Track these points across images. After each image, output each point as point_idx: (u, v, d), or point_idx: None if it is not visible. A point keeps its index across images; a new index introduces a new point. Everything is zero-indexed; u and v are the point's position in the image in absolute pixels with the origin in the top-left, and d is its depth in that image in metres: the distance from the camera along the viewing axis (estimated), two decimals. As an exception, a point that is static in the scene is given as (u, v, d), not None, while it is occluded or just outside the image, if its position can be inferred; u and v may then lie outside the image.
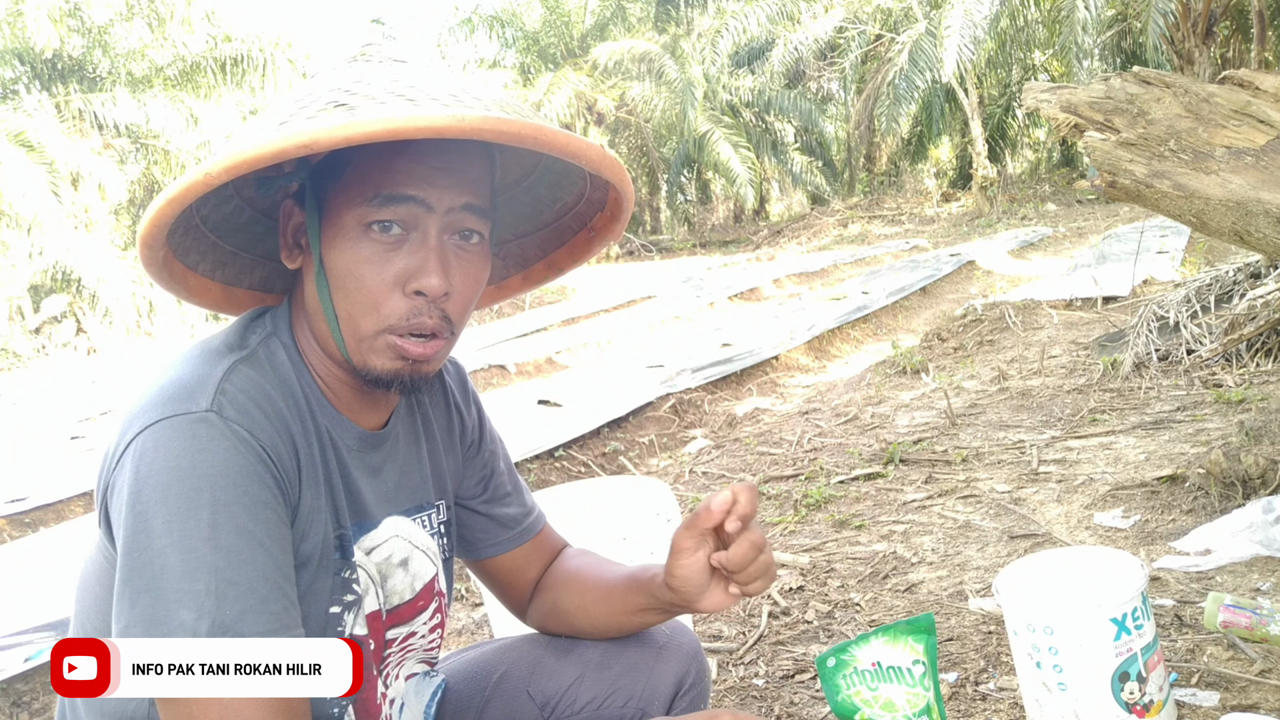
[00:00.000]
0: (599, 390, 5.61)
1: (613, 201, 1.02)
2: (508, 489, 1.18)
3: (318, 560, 0.90)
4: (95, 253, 12.77)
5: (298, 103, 0.83)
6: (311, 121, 0.78)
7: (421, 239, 0.88)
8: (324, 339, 0.93)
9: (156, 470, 0.79)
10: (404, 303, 0.88)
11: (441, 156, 0.87)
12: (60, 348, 12.75)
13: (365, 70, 0.86)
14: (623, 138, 21.78)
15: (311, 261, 0.91)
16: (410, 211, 0.87)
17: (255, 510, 0.81)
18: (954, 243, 13.49)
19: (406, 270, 0.87)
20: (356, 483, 0.96)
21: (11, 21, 14.53)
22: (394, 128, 0.75)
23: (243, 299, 1.04)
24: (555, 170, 1.04)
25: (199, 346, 0.91)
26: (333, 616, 0.92)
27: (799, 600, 2.46)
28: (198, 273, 0.99)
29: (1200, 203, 2.09)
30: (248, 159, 0.76)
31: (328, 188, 0.89)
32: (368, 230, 0.87)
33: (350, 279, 0.88)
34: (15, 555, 3.75)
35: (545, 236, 1.11)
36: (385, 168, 0.86)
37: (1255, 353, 3.90)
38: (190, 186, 0.78)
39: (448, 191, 0.87)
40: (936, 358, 5.52)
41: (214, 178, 0.77)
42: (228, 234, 0.99)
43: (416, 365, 0.91)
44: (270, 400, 0.87)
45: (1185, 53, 15.20)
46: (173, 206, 0.80)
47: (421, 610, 1.06)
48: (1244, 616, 1.81)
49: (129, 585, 0.78)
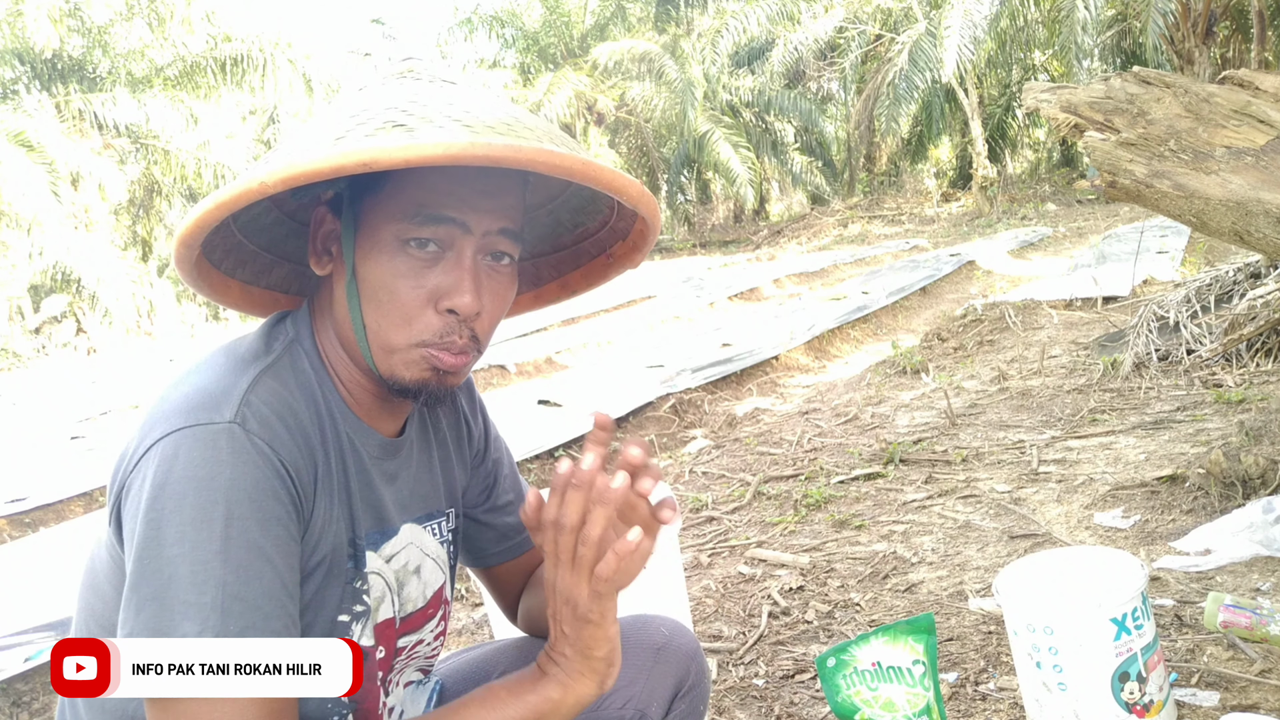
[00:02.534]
0: (599, 390, 5.61)
1: (638, 233, 1.04)
2: (509, 498, 1.18)
3: (329, 568, 0.91)
4: (95, 253, 12.78)
5: (354, 118, 0.83)
6: (370, 140, 0.79)
7: (457, 258, 0.89)
8: (349, 346, 0.94)
9: (175, 478, 0.79)
10: (436, 320, 0.89)
11: (484, 181, 0.88)
12: (60, 348, 12.76)
13: (418, 90, 0.87)
14: (623, 138, 21.79)
15: (343, 270, 0.91)
16: (449, 232, 0.88)
17: (268, 526, 0.81)
18: (954, 243, 13.50)
19: (441, 288, 0.88)
20: (378, 489, 0.97)
21: (11, 21, 14.53)
22: (454, 154, 0.76)
23: (259, 298, 1.05)
24: (583, 196, 1.05)
25: (224, 353, 0.91)
26: (340, 625, 0.92)
27: (799, 600, 2.46)
28: (220, 270, 0.99)
29: (1200, 203, 2.09)
30: (305, 172, 0.77)
31: (364, 199, 0.90)
32: (405, 245, 0.88)
33: (384, 291, 0.88)
34: (15, 555, 3.76)
35: (562, 258, 1.13)
36: (428, 187, 0.87)
37: (1255, 353, 3.90)
38: (243, 193, 0.78)
39: (486, 216, 0.89)
40: (936, 358, 5.52)
41: (269, 187, 0.78)
42: (253, 233, 1.00)
43: (444, 377, 0.91)
44: (293, 412, 0.87)
45: (1185, 53, 15.20)
46: (221, 211, 0.80)
47: (430, 618, 1.06)
48: (1244, 616, 1.81)
49: (137, 591, 0.78)
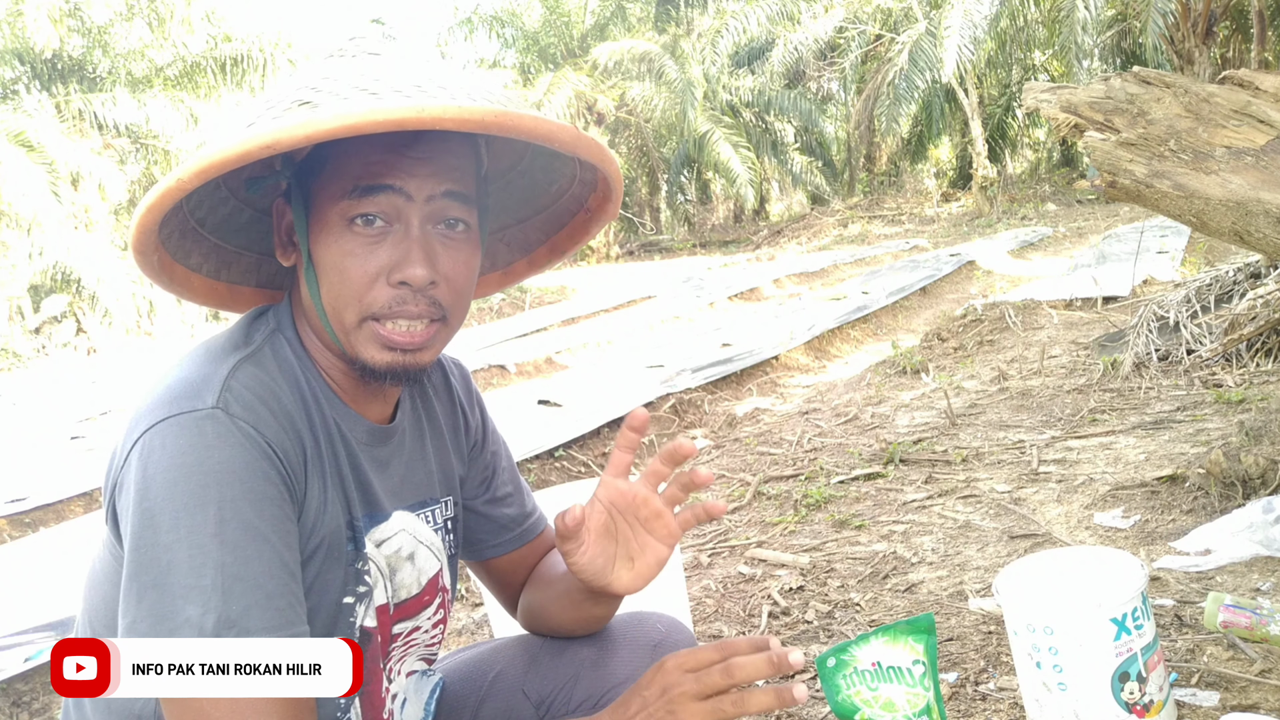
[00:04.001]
0: (599, 390, 5.61)
1: (602, 180, 1.02)
2: (508, 490, 1.18)
3: (328, 551, 0.91)
4: (95, 253, 12.76)
5: (265, 103, 0.84)
6: (275, 122, 0.79)
7: (404, 230, 0.88)
8: (321, 333, 0.94)
9: (163, 467, 0.79)
10: (386, 292, 0.88)
11: (418, 147, 0.88)
12: (60, 348, 12.74)
13: (337, 66, 0.87)
14: (623, 138, 21.78)
15: (301, 258, 0.92)
16: (390, 202, 0.87)
17: (261, 506, 0.81)
18: (954, 243, 13.49)
19: (390, 261, 0.88)
20: (367, 475, 0.97)
21: (11, 21, 14.52)
22: (351, 123, 0.76)
23: (250, 297, 1.05)
24: (546, 153, 1.04)
25: (203, 346, 0.91)
26: (345, 607, 0.93)
27: (799, 600, 2.46)
28: (202, 274, 0.99)
29: (1200, 203, 2.09)
30: (215, 163, 0.77)
31: (311, 183, 0.90)
32: (351, 224, 0.88)
33: (335, 272, 0.88)
34: (15, 555, 3.75)
35: (545, 219, 1.12)
36: (362, 159, 0.87)
37: (1255, 353, 3.90)
38: (165, 193, 0.79)
39: (427, 180, 0.88)
40: (936, 358, 5.52)
41: (185, 183, 0.78)
42: (230, 234, 1.00)
43: (410, 355, 0.91)
44: (276, 396, 0.87)
45: (1185, 53, 15.20)
46: (152, 214, 0.81)
47: (426, 605, 1.06)
48: (1244, 616, 1.81)
49: (136, 581, 0.78)
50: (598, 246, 19.77)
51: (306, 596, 0.87)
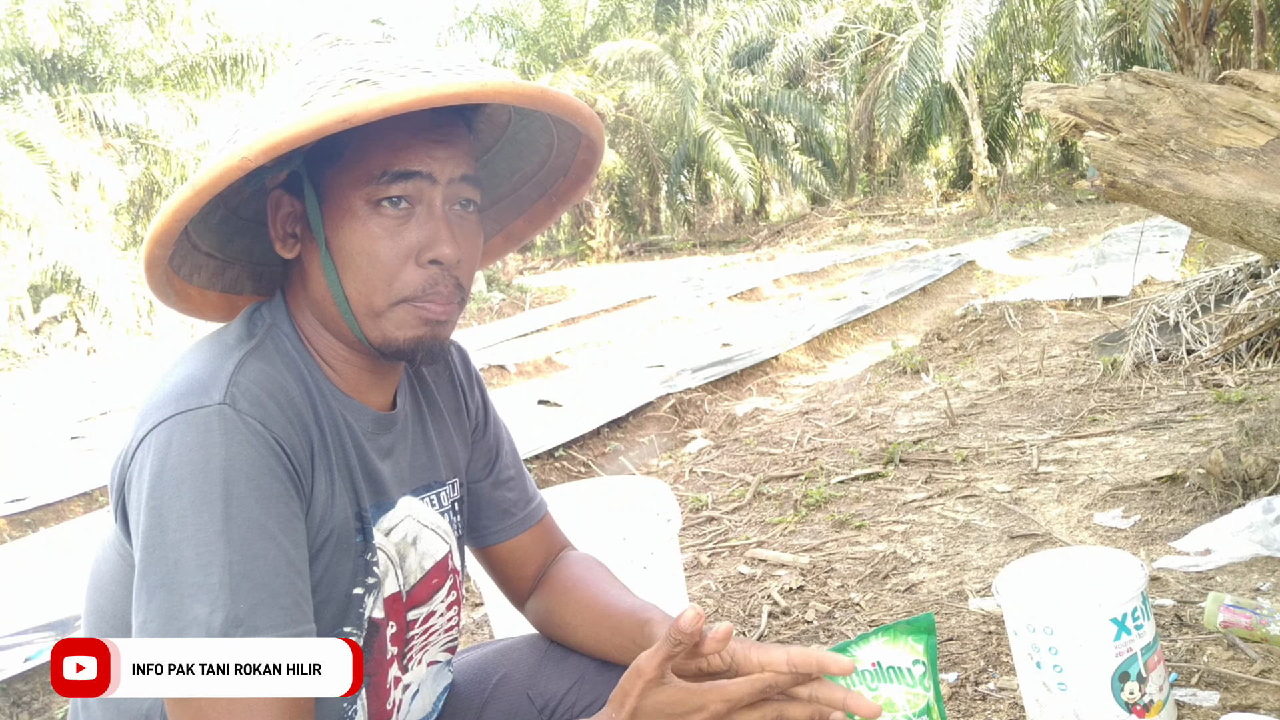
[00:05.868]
0: (599, 390, 5.61)
1: (580, 164, 1.05)
2: (511, 473, 1.18)
3: (337, 543, 0.91)
4: (95, 253, 12.75)
5: (312, 85, 0.84)
6: (340, 99, 0.79)
7: (428, 211, 0.90)
8: (331, 322, 0.94)
9: (171, 465, 0.79)
10: (419, 273, 0.90)
11: (437, 130, 0.89)
12: (60, 348, 12.74)
13: (362, 51, 0.88)
14: (623, 138, 21.77)
15: (314, 246, 0.91)
16: (417, 186, 0.89)
17: (268, 504, 0.82)
18: (954, 243, 13.49)
19: (419, 241, 0.89)
20: (374, 464, 0.97)
21: (11, 21, 14.51)
22: (426, 96, 0.78)
23: (215, 302, 1.04)
24: (517, 141, 1.06)
25: (207, 342, 0.91)
26: (355, 598, 0.93)
27: (799, 600, 2.46)
28: (180, 276, 0.97)
29: (1200, 203, 2.09)
30: (288, 138, 0.77)
31: (324, 172, 0.90)
32: (377, 207, 0.88)
33: (362, 256, 0.89)
34: (15, 555, 3.76)
35: (503, 209, 1.13)
36: (387, 145, 0.88)
37: (1255, 353, 3.90)
38: (225, 171, 0.78)
39: (448, 163, 0.90)
40: (936, 358, 5.52)
41: (251, 161, 0.78)
42: (202, 235, 0.98)
43: (436, 329, 0.92)
44: (283, 390, 0.88)
45: (1185, 53, 15.19)
46: (202, 196, 0.79)
47: (438, 588, 1.06)
48: (1244, 616, 1.81)
49: (146, 580, 0.78)
50: (597, 247, 19.78)
51: (316, 590, 0.87)
